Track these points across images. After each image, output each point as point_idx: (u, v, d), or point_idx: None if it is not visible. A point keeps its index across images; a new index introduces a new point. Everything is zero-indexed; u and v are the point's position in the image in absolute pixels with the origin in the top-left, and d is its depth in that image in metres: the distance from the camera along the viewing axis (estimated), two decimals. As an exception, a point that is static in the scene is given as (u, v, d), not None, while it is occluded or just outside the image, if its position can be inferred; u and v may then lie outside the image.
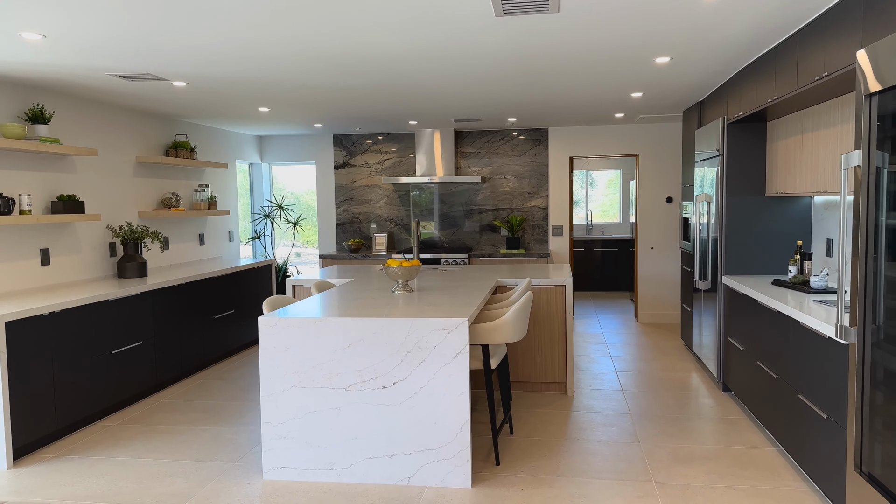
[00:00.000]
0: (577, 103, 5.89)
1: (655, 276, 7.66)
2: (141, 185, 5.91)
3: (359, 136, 7.97)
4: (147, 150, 5.99)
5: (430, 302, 3.81)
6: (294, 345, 3.42)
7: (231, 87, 4.79)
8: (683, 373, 5.48)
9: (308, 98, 5.32)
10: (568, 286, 4.84)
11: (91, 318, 4.37)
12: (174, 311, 5.32)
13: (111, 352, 4.57)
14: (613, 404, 4.66)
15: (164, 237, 6.21)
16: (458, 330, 3.29)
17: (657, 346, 6.51)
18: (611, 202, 10.98)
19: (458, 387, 3.31)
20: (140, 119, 5.89)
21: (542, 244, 7.76)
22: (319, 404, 3.42)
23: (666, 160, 7.54)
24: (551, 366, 4.92)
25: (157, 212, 5.92)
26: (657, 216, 7.61)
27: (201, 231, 6.88)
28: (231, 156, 7.52)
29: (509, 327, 3.59)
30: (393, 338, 3.34)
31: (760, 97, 4.04)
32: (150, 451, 3.94)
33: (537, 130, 7.69)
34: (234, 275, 6.25)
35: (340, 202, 8.08)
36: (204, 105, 5.60)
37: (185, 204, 6.57)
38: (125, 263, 5.36)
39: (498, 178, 7.79)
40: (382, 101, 5.51)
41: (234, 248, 7.57)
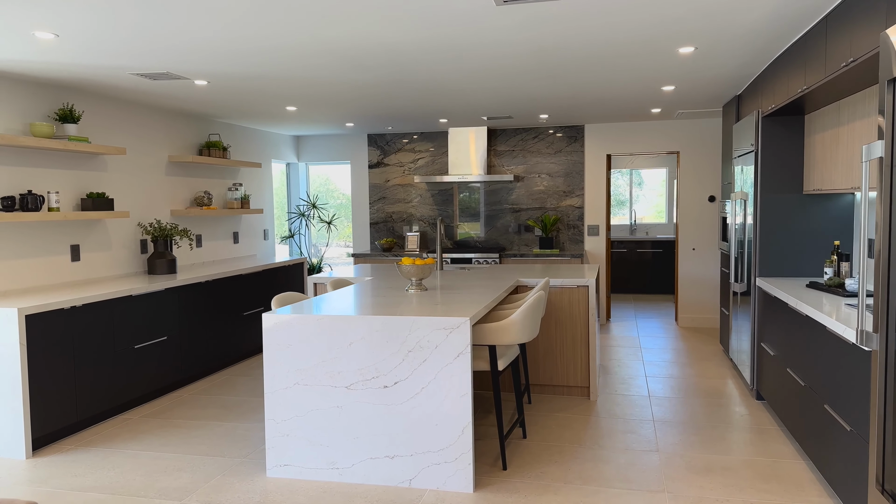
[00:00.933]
0: (607, 98, 5.71)
1: (697, 278, 7.38)
2: (173, 183, 6.02)
3: (393, 136, 7.96)
4: (180, 149, 6.10)
5: (439, 301, 3.73)
6: (296, 342, 3.39)
7: (251, 85, 4.82)
8: (718, 379, 5.24)
9: (329, 95, 5.32)
10: (591, 287, 4.68)
11: (114, 313, 4.45)
12: (202, 307, 5.39)
13: (134, 346, 4.66)
14: (637, 410, 4.48)
15: (197, 235, 6.32)
16: (459, 330, 3.20)
17: (694, 351, 6.25)
18: (662, 202, 10.66)
19: (459, 388, 3.22)
20: (173, 119, 6.01)
21: (577, 244, 7.58)
22: (321, 402, 3.38)
23: (708, 157, 7.25)
24: (573, 369, 4.77)
25: (189, 210, 6.02)
26: (699, 216, 7.33)
27: (235, 229, 6.97)
28: (266, 155, 7.60)
29: (516, 328, 3.48)
30: (394, 336, 3.27)
31: (792, 88, 3.81)
32: (164, 445, 3.98)
33: (573, 128, 7.51)
34: (263, 272, 6.30)
35: (374, 201, 8.08)
36: (232, 104, 5.66)
37: (219, 202, 6.67)
38: (155, 260, 5.46)
39: (532, 176, 7.64)
40: (404, 97, 5.46)
41: (270, 246, 7.65)
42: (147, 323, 4.79)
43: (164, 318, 4.96)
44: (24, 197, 4.34)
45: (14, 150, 4.40)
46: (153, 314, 4.85)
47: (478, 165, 7.48)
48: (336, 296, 4.00)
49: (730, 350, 5.62)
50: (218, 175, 6.67)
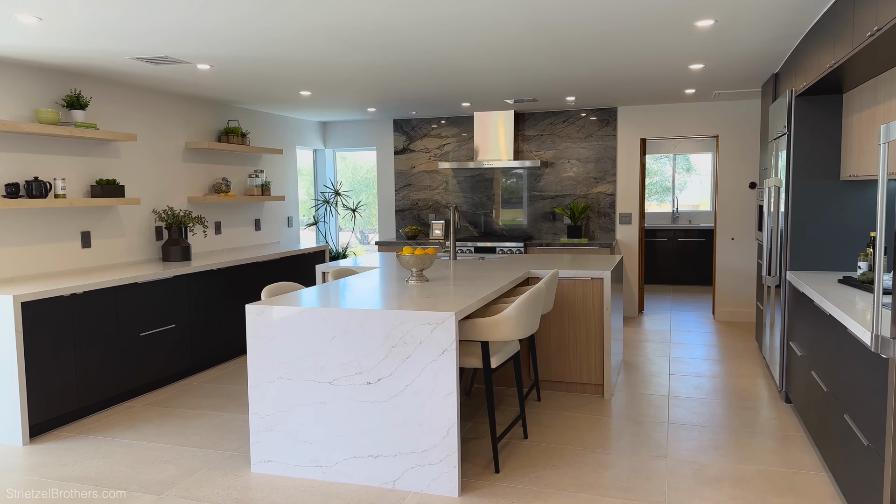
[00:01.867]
0: (633, 79, 5.39)
1: (735, 269, 6.97)
2: (191, 170, 5.98)
3: (419, 121, 7.77)
4: (197, 135, 6.06)
5: (433, 293, 3.55)
6: (279, 335, 3.26)
7: (257, 68, 4.70)
8: (747, 378, 4.90)
9: (340, 78, 5.16)
10: (606, 279, 4.42)
11: (118, 300, 4.43)
12: (214, 295, 5.34)
13: (140, 334, 4.63)
14: (653, 411, 4.21)
15: (216, 222, 6.29)
16: (444, 325, 3.01)
17: (728, 347, 5.90)
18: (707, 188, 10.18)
19: (444, 386, 3.03)
20: (189, 105, 5.96)
21: (607, 233, 7.26)
22: (304, 398, 3.25)
23: (749, 141, 6.82)
24: (587, 365, 4.52)
25: (207, 197, 5.98)
26: (739, 203, 6.91)
27: (257, 216, 6.92)
28: (291, 142, 7.53)
29: (510, 324, 3.26)
30: (377, 331, 3.11)
31: (822, 63, 3.46)
32: (159, 434, 3.93)
33: (605, 110, 7.17)
34: (281, 260, 6.23)
35: (400, 188, 7.92)
36: (242, 89, 5.58)
37: (239, 189, 6.62)
38: (169, 247, 5.44)
39: (561, 162, 7.35)
40: (417, 79, 5.27)
41: (294, 233, 7.59)
42: (154, 311, 4.76)
43: (172, 305, 4.93)
44: (29, 184, 4.34)
45: (20, 137, 4.41)
46: (161, 302, 4.82)
47: (505, 151, 7.23)
48: (331, 287, 3.86)
49: (763, 347, 5.26)
50: (238, 162, 6.62)
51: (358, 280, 4.13)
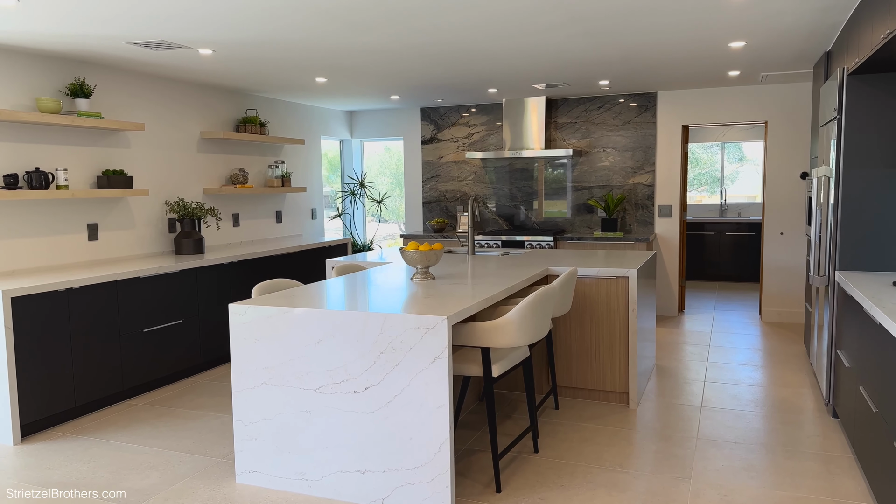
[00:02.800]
0: (667, 60, 4.96)
1: (784, 266, 6.46)
2: (207, 160, 5.83)
3: (447, 109, 7.46)
4: (214, 125, 5.90)
5: (435, 293, 3.26)
6: (263, 337, 3.03)
7: (263, 53, 4.48)
8: (792, 388, 4.46)
9: (353, 64, 4.90)
10: (632, 278, 4.05)
11: (119, 295, 4.28)
12: (225, 289, 5.17)
13: (143, 330, 4.48)
14: (682, 424, 3.83)
15: (234, 214, 6.13)
16: (435, 330, 2.72)
17: (773, 351, 5.43)
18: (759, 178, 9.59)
19: (436, 398, 2.75)
20: (204, 93, 5.80)
21: (645, 227, 6.83)
22: (290, 406, 3.01)
23: (800, 128, 6.29)
24: (610, 372, 4.16)
25: (224, 188, 5.82)
26: (789, 195, 6.39)
27: (278, 208, 6.75)
28: (314, 131, 7.32)
29: (512, 328, 2.95)
30: (365, 335, 2.84)
31: (875, 36, 3.01)
32: (153, 437, 3.77)
33: (643, 95, 6.73)
34: (298, 254, 6.03)
35: (427, 179, 7.63)
36: (256, 76, 5.37)
37: (258, 181, 6.44)
38: (181, 240, 5.30)
39: (596, 151, 6.94)
40: (435, 63, 4.96)
41: (318, 225, 7.40)
42: (159, 306, 4.60)
43: (180, 300, 4.77)
44: (29, 174, 4.22)
45: (19, 126, 4.29)
46: (167, 296, 4.66)
47: (536, 140, 6.86)
48: (326, 285, 3.61)
49: (811, 353, 4.80)
50: (257, 152, 6.44)
51: (359, 278, 3.87)
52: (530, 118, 6.85)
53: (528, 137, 6.88)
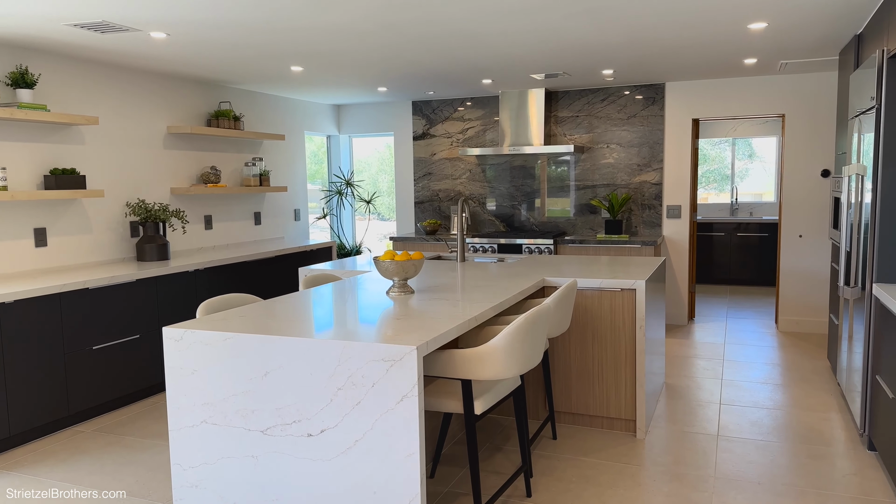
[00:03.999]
0: (679, 46, 4.47)
1: (804, 272, 5.96)
2: (174, 158, 5.35)
3: (440, 103, 6.97)
4: (182, 119, 5.42)
5: (410, 312, 2.78)
6: (203, 367, 2.55)
7: (223, 36, 4.00)
8: (818, 412, 3.97)
9: (327, 48, 4.42)
10: (640, 291, 3.56)
11: (63, 309, 3.81)
12: (189, 300, 4.70)
13: (93, 347, 4.01)
14: (697, 458, 3.35)
15: (206, 216, 5.65)
16: (402, 363, 2.24)
17: (794, 367, 4.94)
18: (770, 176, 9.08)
19: (405, 444, 2.27)
20: (171, 84, 5.32)
21: (652, 228, 6.33)
22: (234, 449, 2.53)
23: (821, 121, 5.78)
24: (615, 397, 3.68)
25: (195, 188, 5.34)
26: (808, 195, 5.89)
27: (257, 209, 6.27)
28: (298, 126, 6.84)
29: (499, 358, 2.47)
30: (319, 367, 2.36)
31: (935, 4, 2.52)
32: (91, 472, 3.30)
33: (651, 87, 6.23)
34: (276, 259, 5.55)
35: (419, 177, 7.15)
36: (225, 65, 4.89)
37: (234, 179, 5.97)
38: (144, 245, 4.83)
39: (599, 147, 6.44)
40: (419, 51, 4.48)
41: (302, 228, 6.92)
42: (113, 319, 4.13)
43: (137, 313, 4.30)
44: (-40, 174, 3.75)
45: (-48, 120, 3.82)
46: (123, 309, 4.19)
47: (535, 135, 6.37)
48: (284, 302, 3.13)
49: (837, 370, 4.31)
50: (233, 148, 5.96)
51: (327, 292, 3.39)
52: (529, 112, 6.36)
53: (526, 133, 6.39)
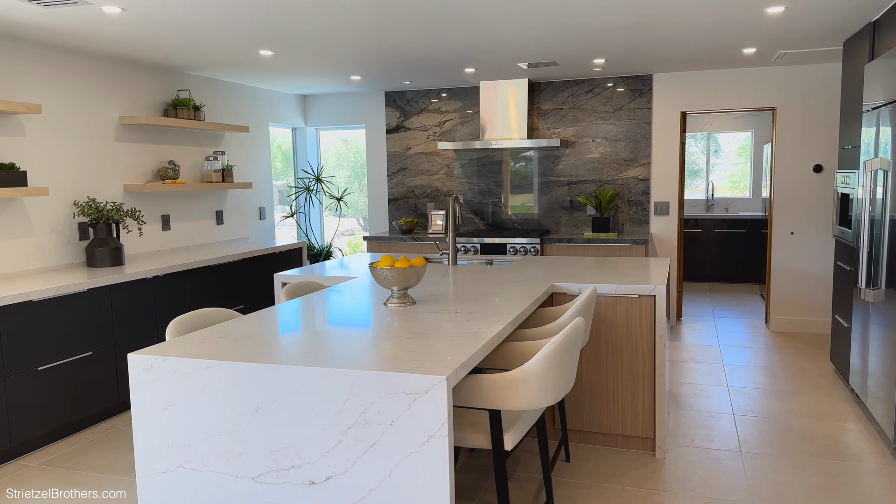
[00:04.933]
0: (687, 30, 4.18)
1: (796, 270, 5.78)
2: (128, 151, 4.82)
3: (415, 94, 6.57)
4: (136, 108, 4.89)
5: (420, 329, 2.39)
6: (178, 401, 2.12)
7: (185, 12, 3.52)
8: (837, 422, 3.74)
9: (298, 28, 3.98)
10: (659, 296, 3.24)
11: (0, 325, 3.29)
12: (147, 311, 4.20)
13: (37, 368, 3.50)
14: (726, 480, 3.05)
15: (164, 215, 5.13)
16: (430, 396, 1.86)
17: (796, 370, 4.72)
18: (741, 172, 8.95)
19: (431, 494, 1.88)
20: (124, 70, 4.79)
21: (640, 226, 6.07)
22: (218, 499, 2.11)
23: (815, 115, 5.60)
24: (632, 413, 3.36)
25: (150, 185, 4.82)
26: (800, 190, 5.71)
27: (219, 207, 5.76)
28: (262, 118, 6.35)
29: (534, 384, 2.10)
30: (324, 402, 1.96)
31: None
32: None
33: (638, 78, 5.95)
34: (244, 262, 5.08)
35: (393, 173, 6.74)
36: (186, 47, 4.40)
37: (194, 175, 5.45)
38: (95, 249, 4.31)
39: (585, 141, 6.14)
40: (399, 32, 4.08)
41: (267, 227, 6.43)
42: (61, 335, 3.62)
43: (89, 326, 3.79)
44: None
45: None
46: (72, 323, 3.68)
47: (517, 128, 6.03)
48: (269, 319, 2.70)
49: (849, 374, 4.10)
50: (192, 141, 5.45)
51: (316, 305, 2.97)
52: (511, 104, 6.01)
53: (508, 126, 6.05)
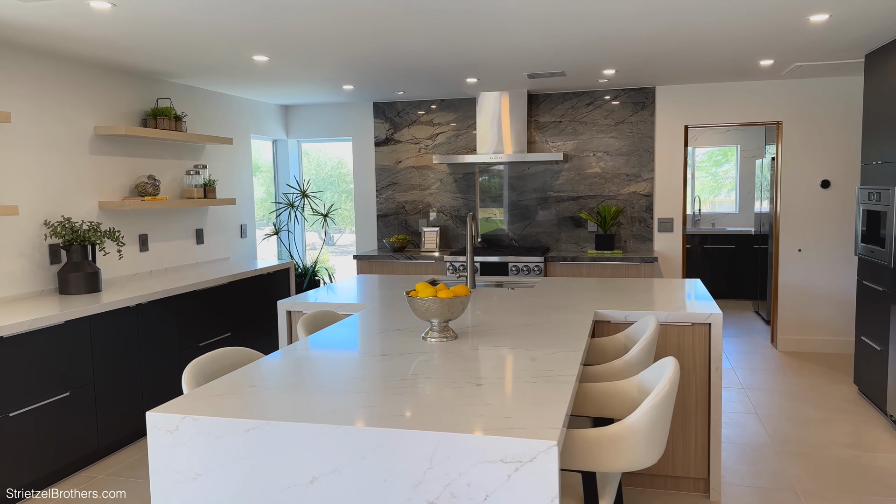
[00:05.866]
0: (710, 39, 3.97)
1: (804, 288, 5.63)
2: (104, 165, 4.37)
3: (405, 105, 6.25)
4: (113, 117, 4.45)
5: (483, 372, 2.06)
6: (211, 470, 1.74)
7: (185, 13, 3.14)
8: (885, 454, 3.53)
9: (299, 31, 3.63)
10: (715, 324, 2.98)
11: (-36, 368, 2.84)
12: (131, 343, 3.77)
13: (8, 414, 3.04)
14: (792, 525, 2.79)
15: (141, 235, 4.68)
16: (535, 466, 1.53)
17: (819, 393, 4.53)
18: (711, 187, 8.86)
19: (535, 582, 1.55)
20: (101, 76, 4.35)
21: (643, 243, 5.85)
22: (259, 589, 1.73)
23: (822, 129, 5.48)
24: (683, 451, 3.08)
25: (128, 201, 4.38)
26: (808, 206, 5.57)
27: (199, 226, 5.33)
28: (243, 129, 5.94)
29: (640, 441, 1.79)
30: (399, 471, 1.61)
31: None
32: None
33: (640, 91, 5.76)
34: (231, 286, 4.66)
35: (382, 188, 6.39)
36: (174, 51, 4.00)
37: (173, 191, 5.02)
38: (68, 275, 3.85)
39: (585, 155, 5.91)
40: (404, 34, 3.76)
41: (249, 246, 6.01)
42: (33, 375, 3.17)
43: (64, 364, 3.34)
44: None
45: None
46: (46, 361, 3.23)
47: (514, 142, 5.76)
48: (308, 360, 2.33)
49: (886, 400, 3.91)
50: (172, 154, 5.01)
51: (344, 341, 2.61)
52: (510, 116, 5.74)
53: (507, 139, 5.77)
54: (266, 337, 5.14)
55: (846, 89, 5.37)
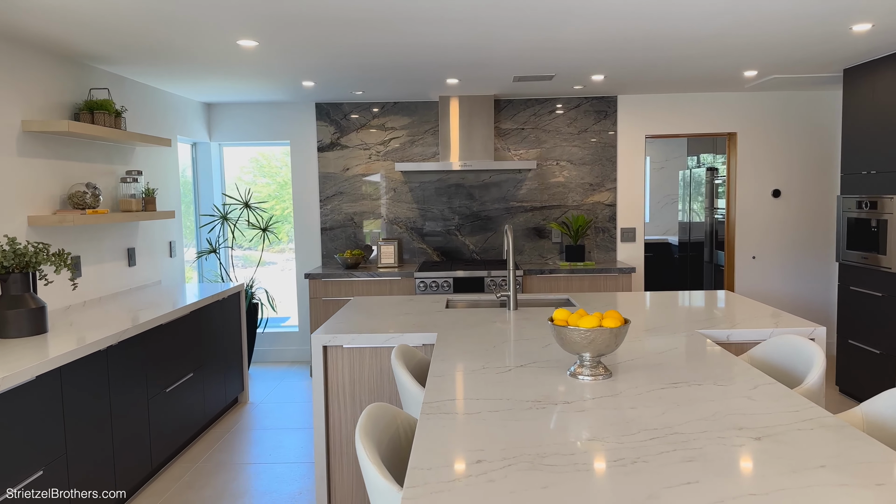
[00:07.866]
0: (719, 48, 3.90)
1: (761, 293, 5.81)
2: (33, 170, 3.44)
3: (353, 107, 5.68)
4: (43, 110, 3.53)
5: (741, 424, 1.71)
6: None
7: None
8: None
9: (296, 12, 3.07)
10: (819, 339, 2.84)
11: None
12: (102, 395, 2.94)
13: (-26, 514, 2.19)
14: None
15: (74, 256, 3.77)
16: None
17: (805, 397, 4.62)
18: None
19: None
20: (32, 58, 3.43)
21: (607, 253, 5.76)
22: None
23: (774, 140, 5.70)
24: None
25: (62, 214, 3.48)
26: (760, 215, 5.77)
27: (130, 245, 4.42)
28: (170, 129, 5.06)
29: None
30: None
31: None
32: None
33: (602, 100, 5.67)
34: (190, 317, 3.88)
35: (327, 198, 5.76)
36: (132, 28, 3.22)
37: (104, 203, 4.11)
38: (7, 312, 2.93)
39: (549, 164, 5.71)
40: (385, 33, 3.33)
41: (177, 267, 5.12)
42: (2, 453, 2.32)
43: (33, 435, 2.50)
44: None
45: None
46: (10, 432, 2.39)
47: (481, 148, 5.43)
48: (482, 420, 1.83)
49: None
50: (103, 158, 4.11)
51: (481, 389, 2.13)
52: (471, 122, 5.40)
53: (472, 147, 5.42)
54: (231, 373, 4.38)
55: (798, 102, 5.63)
